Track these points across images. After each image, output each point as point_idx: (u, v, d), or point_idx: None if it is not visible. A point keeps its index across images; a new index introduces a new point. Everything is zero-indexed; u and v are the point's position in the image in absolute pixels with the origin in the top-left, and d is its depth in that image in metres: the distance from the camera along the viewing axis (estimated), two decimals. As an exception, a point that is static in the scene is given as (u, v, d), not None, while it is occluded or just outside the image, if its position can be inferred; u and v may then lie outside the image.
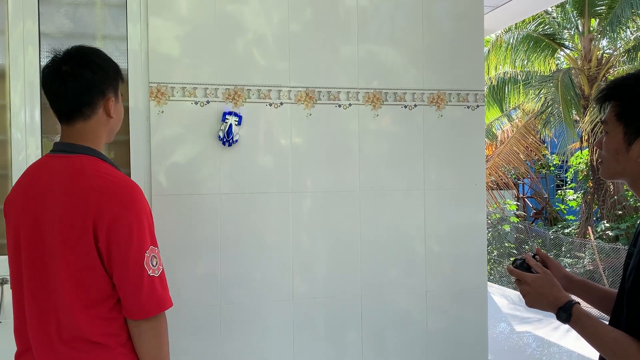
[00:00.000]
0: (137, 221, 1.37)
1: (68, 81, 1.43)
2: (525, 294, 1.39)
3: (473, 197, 2.75)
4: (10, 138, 2.31)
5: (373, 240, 2.62)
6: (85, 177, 1.38)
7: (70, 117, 1.46)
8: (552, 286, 1.35)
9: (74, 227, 1.35)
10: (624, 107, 1.26)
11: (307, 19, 2.56)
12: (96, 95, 1.46)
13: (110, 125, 1.53)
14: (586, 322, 1.27)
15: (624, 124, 1.25)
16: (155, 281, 1.39)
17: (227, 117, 2.42)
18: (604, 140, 1.32)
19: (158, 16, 2.39)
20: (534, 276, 1.38)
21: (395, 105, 2.66)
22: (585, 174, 11.92)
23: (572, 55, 11.84)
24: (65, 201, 1.37)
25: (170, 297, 1.44)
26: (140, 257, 1.36)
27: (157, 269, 1.40)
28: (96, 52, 1.52)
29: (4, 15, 2.31)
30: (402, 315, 2.66)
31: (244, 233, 2.47)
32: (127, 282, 1.36)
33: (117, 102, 1.54)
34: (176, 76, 2.41)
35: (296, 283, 2.53)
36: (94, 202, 1.34)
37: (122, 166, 2.41)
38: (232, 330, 2.45)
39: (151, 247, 1.40)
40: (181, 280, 2.39)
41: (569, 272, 1.51)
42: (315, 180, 2.56)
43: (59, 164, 1.43)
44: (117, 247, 1.35)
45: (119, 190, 1.39)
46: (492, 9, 4.16)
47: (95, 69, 1.46)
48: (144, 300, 1.37)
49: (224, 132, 2.41)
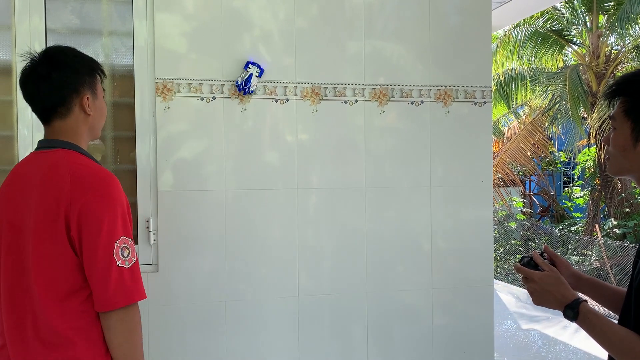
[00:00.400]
0: (109, 210, 1.36)
1: (39, 83, 1.44)
2: (532, 292, 1.38)
3: (479, 194, 2.74)
4: (17, 134, 2.31)
5: (379, 236, 2.61)
6: (60, 168, 1.39)
7: (48, 117, 1.48)
8: (559, 284, 1.34)
9: (47, 216, 1.35)
10: (632, 103, 1.25)
11: (313, 14, 2.55)
12: (69, 93, 1.46)
13: (90, 123, 1.52)
14: (593, 320, 1.26)
15: (632, 119, 1.25)
16: (124, 272, 1.36)
17: (249, 66, 2.42)
18: (611, 136, 1.31)
19: (164, 12, 2.39)
20: (541, 274, 1.37)
21: (402, 101, 2.65)
22: (593, 171, 11.86)
23: (580, 52, 11.76)
24: (40, 192, 1.37)
25: (144, 290, 1.41)
26: (109, 246, 1.35)
27: (129, 260, 1.38)
28: (66, 51, 1.51)
29: (10, 11, 2.31)
30: (408, 311, 2.66)
31: (250, 229, 2.47)
32: (96, 271, 1.35)
33: (95, 99, 1.52)
34: (182, 72, 2.40)
35: (302, 279, 2.53)
36: (67, 191, 1.35)
37: (128, 162, 2.41)
38: (237, 326, 2.45)
39: (123, 237, 1.37)
40: (187, 276, 2.40)
41: (577, 270, 1.50)
42: (321, 177, 2.56)
43: (38, 160, 1.45)
44: (88, 235, 1.34)
45: (91, 179, 1.39)
46: (500, 4, 4.13)
47: (64, 68, 1.46)
48: (111, 290, 1.35)
49: (243, 79, 2.40)
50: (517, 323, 5.31)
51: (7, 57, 2.34)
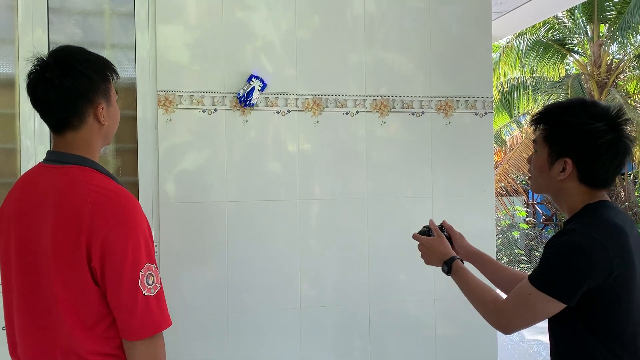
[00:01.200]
0: (132, 238, 1.29)
1: (49, 90, 1.32)
2: (422, 254, 1.73)
3: (482, 204, 2.73)
4: (20, 146, 2.33)
5: (381, 247, 2.61)
6: (78, 191, 1.30)
7: (60, 128, 1.37)
8: (441, 246, 1.68)
9: (67, 244, 1.28)
10: (550, 131, 1.43)
11: (315, 26, 2.56)
12: (82, 103, 1.34)
13: (104, 131, 1.41)
14: (461, 273, 1.57)
15: (549, 145, 1.43)
16: (150, 301, 1.31)
17: (252, 79, 2.43)
18: (533, 158, 1.51)
19: (166, 24, 2.41)
20: (429, 238, 1.72)
21: (403, 112, 2.65)
22: (596, 180, 11.81)
23: (581, 61, 11.78)
24: (58, 217, 1.30)
25: (169, 316, 1.37)
26: (134, 276, 1.28)
27: (154, 287, 1.32)
28: (78, 55, 1.37)
29: (14, 24, 2.33)
30: (411, 322, 2.64)
31: (252, 240, 2.47)
32: (121, 302, 1.29)
33: (109, 106, 1.41)
34: (184, 84, 2.42)
35: (304, 290, 2.53)
36: (87, 219, 1.27)
37: (130, 174, 2.42)
38: (239, 337, 2.44)
39: (147, 264, 1.31)
40: (189, 287, 2.39)
41: (471, 245, 1.79)
42: (323, 187, 2.56)
43: (50, 176, 1.36)
44: (111, 267, 1.27)
45: (112, 205, 1.30)
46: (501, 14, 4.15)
47: (77, 76, 1.33)
48: (138, 320, 1.29)
49: (245, 92, 2.41)
50: (521, 333, 5.28)
51: (11, 70, 2.36)
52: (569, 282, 1.31)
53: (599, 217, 1.37)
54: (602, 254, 1.30)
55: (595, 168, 1.38)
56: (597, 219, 1.36)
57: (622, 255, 1.32)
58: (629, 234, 1.36)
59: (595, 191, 1.42)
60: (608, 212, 1.38)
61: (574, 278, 1.30)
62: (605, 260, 1.30)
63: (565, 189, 1.43)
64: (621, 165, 1.40)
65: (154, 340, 1.32)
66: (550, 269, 1.35)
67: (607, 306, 1.34)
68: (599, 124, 1.36)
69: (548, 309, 1.35)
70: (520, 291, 1.38)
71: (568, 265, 1.31)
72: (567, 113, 1.41)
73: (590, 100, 1.45)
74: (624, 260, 1.32)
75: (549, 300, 1.33)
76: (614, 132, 1.37)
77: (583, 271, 1.30)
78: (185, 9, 2.43)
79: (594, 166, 1.37)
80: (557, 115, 1.43)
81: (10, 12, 2.33)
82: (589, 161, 1.37)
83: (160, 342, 1.35)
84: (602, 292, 1.32)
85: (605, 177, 1.39)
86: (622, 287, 1.34)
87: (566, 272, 1.31)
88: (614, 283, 1.32)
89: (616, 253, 1.31)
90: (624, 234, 1.35)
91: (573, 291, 1.31)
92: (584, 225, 1.35)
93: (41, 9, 2.33)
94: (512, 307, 1.38)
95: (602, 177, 1.39)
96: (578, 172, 1.39)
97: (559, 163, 1.41)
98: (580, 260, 1.30)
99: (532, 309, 1.35)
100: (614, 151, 1.37)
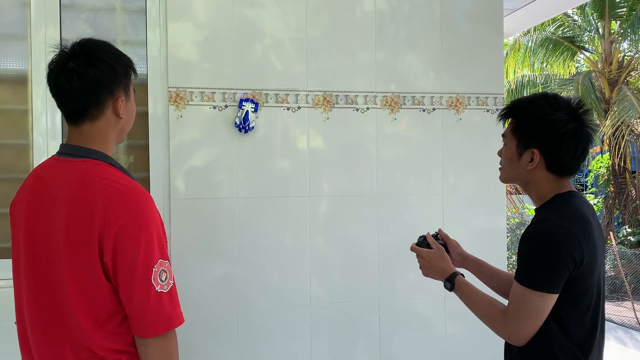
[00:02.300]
0: (145, 234, 1.28)
1: (73, 79, 1.32)
2: (420, 266, 1.72)
3: (492, 202, 2.72)
4: (32, 142, 2.34)
5: (390, 244, 2.60)
6: (91, 186, 1.29)
7: (77, 118, 1.36)
8: (442, 260, 1.67)
9: (79, 238, 1.27)
10: (518, 124, 1.52)
11: (325, 23, 2.56)
12: (104, 94, 1.35)
13: (120, 126, 1.42)
14: (464, 289, 1.59)
15: (517, 138, 1.51)
16: (163, 297, 1.29)
17: (243, 104, 2.43)
18: (503, 149, 1.58)
19: (177, 21, 2.41)
20: (429, 251, 1.70)
21: (414, 108, 2.64)
22: (606, 178, 11.74)
23: (592, 58, 11.68)
24: (70, 211, 1.29)
25: (181, 314, 1.35)
26: (147, 272, 1.27)
27: (167, 284, 1.31)
28: (105, 48, 1.38)
29: (26, 21, 2.35)
30: (421, 320, 2.64)
31: (262, 237, 2.47)
32: (134, 298, 1.28)
33: (127, 101, 1.42)
34: (195, 81, 2.42)
35: (313, 287, 2.53)
36: (100, 214, 1.26)
37: (142, 170, 2.43)
38: (249, 334, 2.45)
39: (160, 260, 1.30)
40: (199, 284, 2.40)
41: (466, 251, 1.80)
42: (332, 184, 2.55)
43: (64, 169, 1.35)
44: (124, 262, 1.26)
45: (126, 200, 1.29)
46: (511, 11, 4.12)
47: (103, 66, 1.34)
48: (151, 317, 1.28)
49: (240, 118, 2.41)
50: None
51: (23, 67, 2.37)
52: (551, 272, 1.37)
53: (569, 206, 1.45)
54: (574, 241, 1.37)
55: (561, 156, 1.46)
56: (567, 208, 1.44)
57: (589, 243, 1.40)
58: (592, 223, 1.44)
59: (562, 179, 1.50)
60: (576, 202, 1.46)
61: (554, 267, 1.37)
62: (578, 248, 1.37)
63: (534, 178, 1.51)
64: (585, 153, 1.48)
65: (166, 338, 1.31)
66: (531, 264, 1.41)
67: (574, 296, 1.40)
68: (560, 114, 1.45)
69: (544, 303, 1.38)
70: (514, 296, 1.43)
71: (546, 256, 1.38)
72: (532, 106, 1.50)
73: (552, 93, 1.53)
74: (590, 247, 1.40)
75: (542, 295, 1.38)
76: (575, 121, 1.45)
77: (561, 259, 1.36)
78: (195, 6, 2.43)
79: (559, 154, 1.46)
80: (523, 108, 1.52)
81: (23, 9, 2.35)
82: (554, 150, 1.46)
83: (173, 340, 1.34)
84: (571, 281, 1.39)
85: (570, 165, 1.48)
86: (589, 276, 1.41)
87: (546, 263, 1.38)
88: (584, 272, 1.39)
89: (585, 241, 1.39)
90: (589, 223, 1.43)
91: (557, 280, 1.37)
92: (555, 215, 1.42)
93: (53, 6, 2.34)
94: (514, 314, 1.42)
95: (568, 164, 1.47)
96: (545, 162, 1.48)
97: (527, 154, 1.49)
98: (556, 249, 1.37)
99: (531, 309, 1.39)
100: (577, 139, 1.45)
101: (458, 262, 1.79)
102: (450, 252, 1.78)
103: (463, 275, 1.63)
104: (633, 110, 9.81)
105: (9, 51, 2.37)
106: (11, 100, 2.38)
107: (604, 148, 11.63)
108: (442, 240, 1.79)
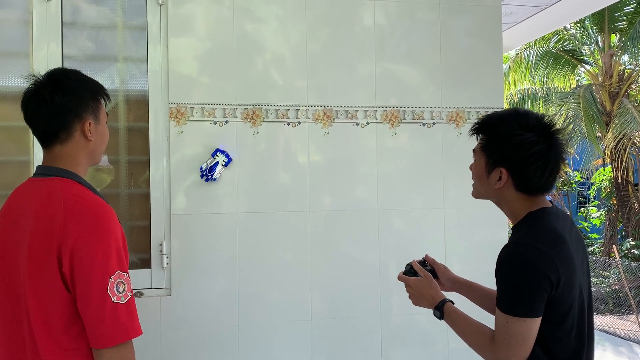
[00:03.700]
0: (102, 244, 1.32)
1: (41, 106, 1.42)
2: (410, 296, 1.67)
3: (494, 216, 2.71)
4: (33, 158, 2.35)
5: (392, 258, 2.59)
6: (54, 200, 1.35)
7: (47, 141, 1.45)
8: (430, 288, 1.62)
9: (40, 249, 1.32)
10: (488, 141, 1.49)
11: (325, 38, 2.57)
12: (71, 118, 1.43)
13: (90, 148, 1.48)
14: (454, 317, 1.54)
15: (486, 155, 1.48)
16: (119, 308, 1.31)
17: (217, 154, 2.41)
18: (473, 166, 1.56)
19: (178, 37, 2.43)
20: (416, 280, 1.65)
21: (414, 123, 2.65)
22: (609, 191, 11.71)
23: (592, 71, 11.72)
24: (35, 225, 1.35)
25: (139, 326, 1.36)
26: (103, 282, 1.30)
27: (124, 295, 1.33)
28: (71, 75, 1.49)
29: (28, 38, 2.37)
30: (423, 335, 2.62)
31: (262, 252, 2.47)
32: (89, 308, 1.31)
33: (98, 124, 1.49)
34: (196, 96, 2.43)
35: (314, 303, 2.51)
36: (59, 225, 1.31)
37: (142, 186, 2.43)
38: (250, 350, 2.43)
39: (118, 272, 1.33)
40: (199, 299, 2.39)
41: (455, 274, 1.76)
42: (333, 199, 2.55)
43: (34, 188, 1.43)
44: (80, 271, 1.30)
45: (85, 211, 1.35)
46: (510, 25, 4.14)
47: (68, 93, 1.43)
48: (106, 327, 1.30)
49: (208, 166, 2.40)
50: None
51: (26, 84, 2.38)
52: (529, 296, 1.34)
53: (542, 225, 1.41)
54: (548, 262, 1.34)
55: (528, 176, 1.43)
56: (540, 228, 1.40)
57: (565, 262, 1.37)
58: (567, 241, 1.40)
59: (534, 197, 1.47)
60: (549, 219, 1.43)
61: (531, 291, 1.34)
62: (553, 268, 1.34)
63: (504, 197, 1.49)
64: (554, 173, 1.44)
65: (122, 349, 1.33)
66: (509, 291, 1.38)
67: (555, 317, 1.38)
68: (530, 135, 1.41)
69: (528, 328, 1.36)
70: (498, 324, 1.40)
71: (522, 280, 1.35)
72: (501, 124, 1.46)
73: (523, 110, 1.49)
74: (566, 266, 1.37)
75: (524, 320, 1.35)
76: (545, 142, 1.42)
77: (537, 282, 1.34)
78: (196, 22, 2.45)
79: (527, 175, 1.42)
80: (492, 125, 1.49)
81: (25, 26, 2.37)
82: (520, 171, 1.43)
83: (130, 352, 1.36)
84: (551, 302, 1.36)
85: (539, 185, 1.44)
86: (568, 295, 1.38)
87: (522, 288, 1.35)
88: (562, 291, 1.36)
89: (560, 260, 1.36)
90: (563, 240, 1.39)
91: (537, 303, 1.35)
92: (528, 236, 1.39)
93: (55, 23, 2.36)
94: (501, 342, 1.38)
95: (536, 185, 1.44)
96: (513, 181, 1.45)
97: (495, 172, 1.46)
98: (531, 272, 1.34)
99: (516, 335, 1.36)
100: (545, 160, 1.41)
101: (448, 286, 1.76)
102: (439, 277, 1.74)
103: (452, 302, 1.59)
104: (634, 123, 9.82)
105: (11, 68, 2.39)
106: (13, 117, 2.39)
107: (607, 161, 11.62)
108: (430, 265, 1.74)
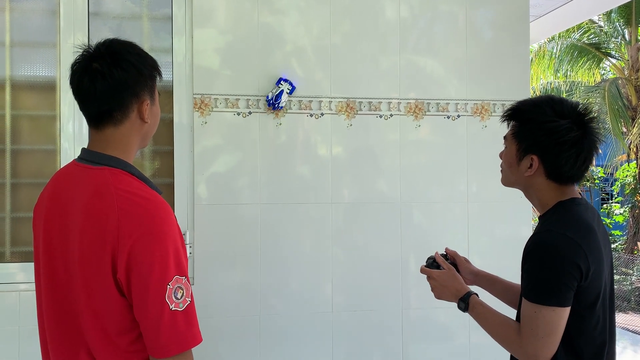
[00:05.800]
0: (160, 249, 1.21)
1: (97, 80, 1.25)
2: (433, 288, 1.64)
3: (518, 211, 2.68)
4: (60, 147, 2.38)
5: (412, 252, 2.58)
6: (106, 197, 1.23)
7: (100, 121, 1.29)
8: (454, 280, 1.59)
9: (93, 253, 1.23)
10: (519, 128, 1.47)
11: (347, 30, 2.56)
12: (129, 97, 1.28)
13: (144, 131, 1.35)
14: (479, 309, 1.50)
15: (517, 142, 1.46)
16: (178, 316, 1.22)
17: (281, 82, 2.44)
18: (503, 153, 1.55)
19: (203, 28, 2.44)
20: (439, 272, 1.62)
21: (438, 115, 2.62)
22: (633, 187, 11.50)
23: (618, 65, 11.49)
24: (85, 222, 1.24)
25: (199, 333, 1.27)
26: (161, 290, 1.20)
27: (183, 301, 1.23)
28: (130, 48, 1.32)
29: (56, 29, 2.39)
30: (444, 329, 2.60)
31: (283, 243, 2.47)
32: (147, 317, 1.21)
33: (153, 105, 1.35)
34: (219, 87, 2.44)
35: (335, 295, 2.51)
36: (113, 228, 1.21)
37: (166, 176, 2.45)
38: (271, 341, 2.44)
39: (176, 277, 1.23)
40: (221, 289, 2.41)
41: (476, 268, 1.74)
42: (354, 191, 2.54)
43: (81, 177, 1.29)
44: (137, 279, 1.20)
45: (141, 213, 1.22)
46: (536, 17, 4.07)
47: (128, 67, 1.27)
48: (164, 337, 1.21)
49: (274, 95, 2.42)
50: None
51: (52, 74, 2.42)
52: (558, 284, 1.32)
53: (572, 215, 1.39)
54: (578, 250, 1.32)
55: (560, 164, 1.40)
56: (570, 217, 1.38)
57: (594, 251, 1.35)
58: (596, 231, 1.39)
59: (564, 187, 1.44)
60: (579, 209, 1.40)
61: (560, 279, 1.32)
62: (583, 257, 1.32)
63: (534, 185, 1.46)
64: (587, 162, 1.42)
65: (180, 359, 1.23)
66: (538, 278, 1.35)
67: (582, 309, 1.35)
68: (564, 122, 1.39)
69: (558, 318, 1.33)
70: (525, 315, 1.37)
71: (552, 268, 1.33)
72: (535, 110, 1.44)
73: (558, 97, 1.45)
74: (595, 255, 1.35)
75: (554, 310, 1.32)
76: (579, 130, 1.40)
77: (568, 270, 1.32)
78: (218, 14, 2.45)
79: (558, 162, 1.40)
80: (525, 112, 1.46)
81: (53, 17, 2.40)
82: (553, 158, 1.40)
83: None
84: (579, 293, 1.34)
85: (570, 174, 1.42)
86: (597, 286, 1.36)
87: (552, 275, 1.33)
88: (591, 281, 1.34)
89: (590, 249, 1.34)
90: (593, 230, 1.37)
91: (567, 292, 1.32)
92: (558, 224, 1.37)
93: (82, 14, 2.39)
94: (529, 334, 1.35)
95: (567, 173, 1.41)
96: (544, 169, 1.43)
97: (526, 159, 1.44)
98: (561, 260, 1.32)
99: (545, 326, 1.33)
100: (578, 148, 1.39)
101: (469, 279, 1.73)
102: (460, 271, 1.71)
103: (477, 295, 1.56)
104: (661, 118, 9.62)
105: (38, 58, 2.42)
106: (40, 106, 2.43)
107: (631, 156, 11.40)
108: (451, 259, 1.72)
